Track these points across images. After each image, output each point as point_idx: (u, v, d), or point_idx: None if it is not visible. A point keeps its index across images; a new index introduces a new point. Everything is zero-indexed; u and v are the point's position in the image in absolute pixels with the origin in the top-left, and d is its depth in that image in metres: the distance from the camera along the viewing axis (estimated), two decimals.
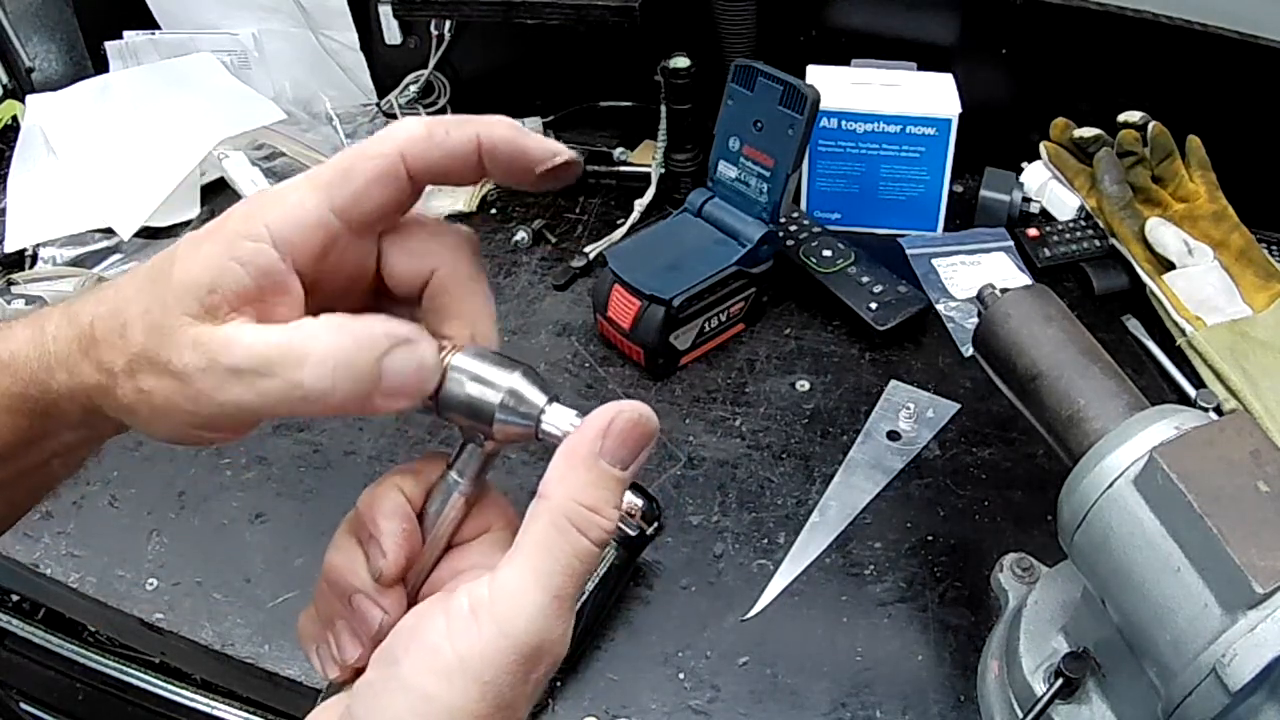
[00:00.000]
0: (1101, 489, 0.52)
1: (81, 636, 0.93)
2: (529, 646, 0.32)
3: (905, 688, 0.68)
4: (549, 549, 0.33)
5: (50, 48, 1.30)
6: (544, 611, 0.32)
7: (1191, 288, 0.93)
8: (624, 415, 0.34)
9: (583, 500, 0.33)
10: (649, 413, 0.34)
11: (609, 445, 0.33)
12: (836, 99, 1.02)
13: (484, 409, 0.36)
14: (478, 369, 0.37)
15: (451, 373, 0.37)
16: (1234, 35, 0.99)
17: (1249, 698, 0.46)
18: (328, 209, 0.33)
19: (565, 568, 0.32)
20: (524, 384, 0.37)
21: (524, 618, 0.32)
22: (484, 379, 0.37)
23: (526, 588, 0.32)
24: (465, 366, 0.37)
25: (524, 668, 0.32)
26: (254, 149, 1.23)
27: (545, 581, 0.32)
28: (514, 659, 0.31)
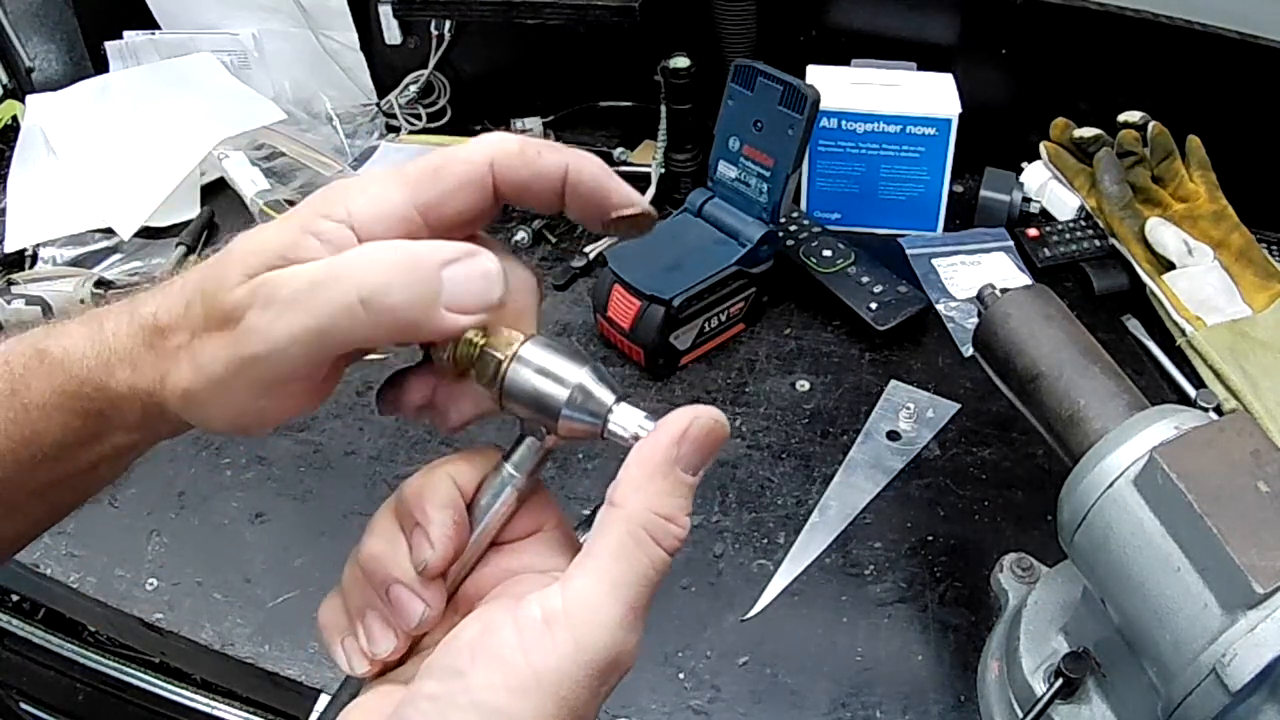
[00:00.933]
0: (1101, 489, 0.52)
1: (81, 636, 0.93)
2: (606, 660, 0.30)
3: (905, 688, 0.68)
4: (626, 560, 0.31)
5: (50, 48, 1.30)
6: (621, 624, 0.31)
7: (1191, 288, 0.93)
8: (699, 422, 0.32)
9: (660, 510, 0.32)
10: (723, 418, 0.33)
11: (685, 452, 0.32)
12: (836, 99, 1.02)
13: (550, 403, 0.35)
14: (546, 361, 0.36)
15: (518, 363, 0.36)
16: (1234, 35, 0.99)
17: (1249, 698, 0.46)
18: (412, 205, 0.33)
19: (641, 578, 0.31)
20: (593, 380, 0.35)
21: (602, 630, 0.31)
22: (552, 372, 0.36)
23: (603, 600, 0.31)
24: (533, 358, 0.36)
25: (598, 681, 0.31)
26: (254, 149, 1.23)
27: (622, 594, 0.31)
28: (590, 673, 0.30)
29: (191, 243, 1.10)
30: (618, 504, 0.32)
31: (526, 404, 0.36)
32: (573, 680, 0.30)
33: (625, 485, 0.32)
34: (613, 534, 0.32)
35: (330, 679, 0.70)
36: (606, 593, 0.31)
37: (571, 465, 0.84)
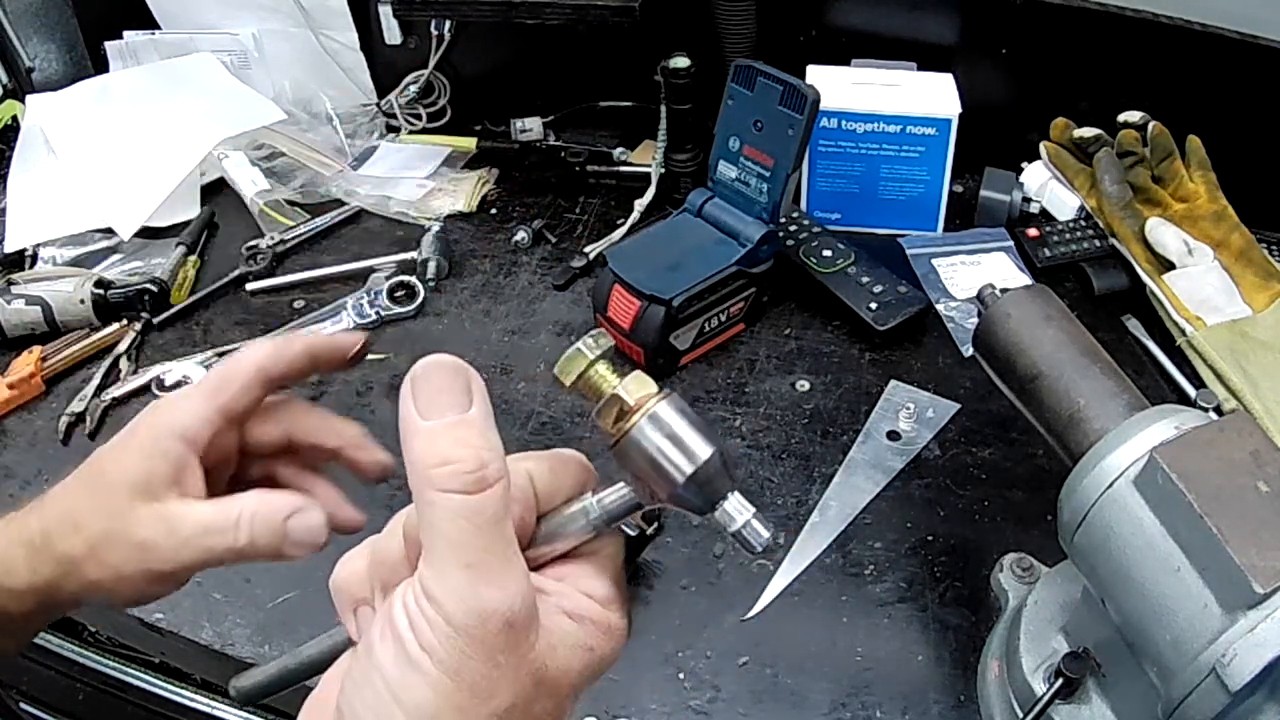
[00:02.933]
0: (1101, 489, 0.52)
1: (81, 636, 0.93)
2: (472, 625, 0.32)
3: (905, 688, 0.68)
4: (431, 525, 0.32)
5: (50, 48, 1.31)
6: (466, 584, 0.32)
7: (1191, 288, 0.93)
8: (415, 372, 0.34)
9: (428, 462, 0.32)
10: (436, 357, 0.34)
11: (421, 404, 0.33)
12: (836, 99, 1.02)
13: (669, 474, 0.35)
14: (678, 428, 0.35)
15: (647, 422, 0.35)
16: (1234, 35, 0.99)
17: (1249, 698, 0.46)
18: (215, 409, 0.47)
19: (456, 532, 0.32)
20: (718, 464, 0.36)
21: (452, 599, 0.32)
22: (682, 442, 0.35)
23: (441, 572, 0.32)
24: (665, 420, 0.36)
25: (482, 648, 0.32)
26: (254, 149, 1.23)
27: (452, 557, 0.32)
28: (466, 641, 0.32)
29: (191, 243, 1.10)
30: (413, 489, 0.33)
31: (643, 464, 0.35)
32: (456, 649, 0.31)
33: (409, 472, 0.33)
34: (419, 514, 0.33)
35: None
36: (440, 564, 0.32)
37: None
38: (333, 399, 0.92)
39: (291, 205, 1.17)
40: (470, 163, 1.23)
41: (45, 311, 0.99)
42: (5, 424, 0.92)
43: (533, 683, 0.34)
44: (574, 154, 1.18)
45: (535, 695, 0.34)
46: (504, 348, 0.98)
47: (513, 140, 1.21)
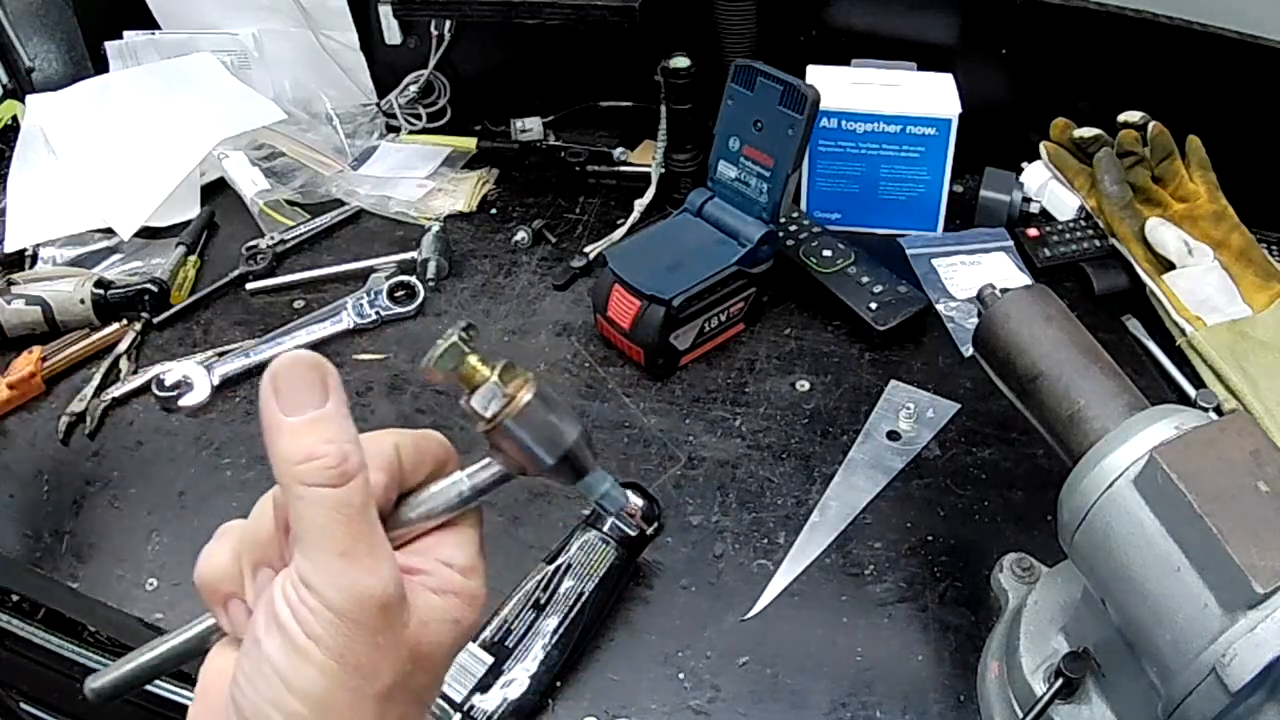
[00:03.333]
0: (1101, 489, 0.52)
1: (81, 637, 0.93)
2: (351, 610, 0.33)
3: (905, 688, 0.68)
4: (302, 517, 0.34)
5: (50, 48, 1.30)
6: (341, 571, 0.33)
7: (1191, 288, 0.93)
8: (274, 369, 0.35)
9: (294, 458, 0.34)
10: (294, 354, 0.35)
11: (282, 402, 0.34)
12: (836, 99, 1.02)
13: (540, 456, 0.39)
14: (548, 414, 0.39)
15: (519, 410, 0.39)
16: (1234, 35, 0.99)
17: (1249, 698, 0.46)
18: None
19: (326, 523, 0.33)
20: (581, 443, 0.40)
21: (330, 586, 0.33)
22: (553, 426, 0.39)
23: (317, 562, 0.34)
24: (538, 408, 0.39)
25: (363, 631, 0.34)
26: (254, 149, 1.23)
27: (326, 547, 0.33)
28: (348, 626, 0.33)
29: (191, 243, 1.10)
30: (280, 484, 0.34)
31: (517, 447, 0.39)
32: (340, 635, 0.33)
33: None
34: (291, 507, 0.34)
35: None
36: (313, 553, 0.33)
37: None
38: None
39: (291, 205, 1.17)
40: (470, 163, 1.23)
41: (45, 311, 0.99)
42: (5, 424, 0.92)
43: (410, 659, 0.35)
44: (574, 154, 1.18)
45: (413, 671, 0.36)
46: (504, 348, 0.98)
47: (513, 140, 1.21)
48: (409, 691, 0.36)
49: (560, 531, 0.76)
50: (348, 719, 0.34)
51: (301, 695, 0.33)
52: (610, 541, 0.72)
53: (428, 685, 0.37)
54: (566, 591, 0.70)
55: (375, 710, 0.35)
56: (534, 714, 0.68)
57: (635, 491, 0.76)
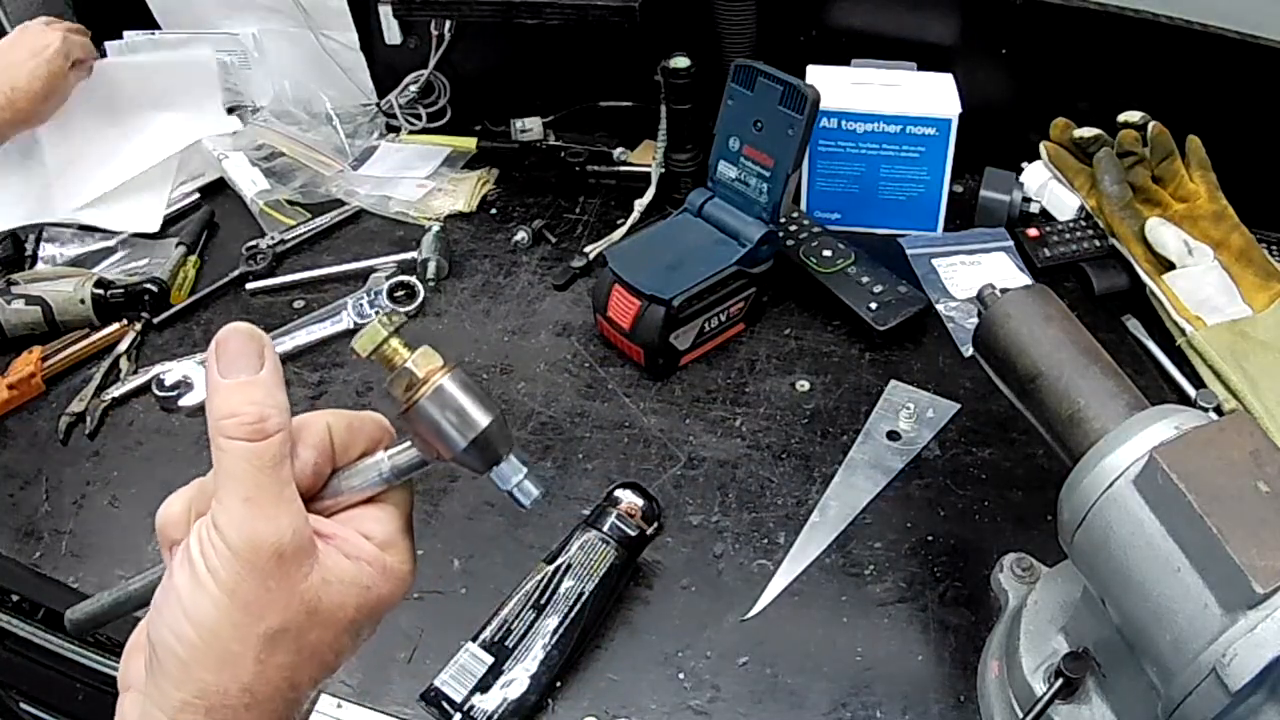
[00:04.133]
0: (1101, 489, 0.52)
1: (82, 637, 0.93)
2: (245, 550, 0.38)
3: (905, 688, 0.68)
4: (220, 466, 0.39)
5: None
6: (243, 515, 0.38)
7: (1191, 288, 0.93)
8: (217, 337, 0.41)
9: (220, 414, 0.39)
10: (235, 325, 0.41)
11: (221, 366, 0.40)
12: (836, 99, 1.02)
13: (450, 441, 0.41)
14: (460, 399, 0.41)
15: (433, 394, 0.41)
16: (1234, 35, 0.99)
17: (1249, 698, 0.46)
18: None
19: (237, 471, 0.38)
20: (495, 431, 0.41)
21: (231, 527, 0.38)
22: (463, 412, 0.41)
23: (226, 506, 0.38)
24: (449, 392, 0.41)
25: (254, 571, 0.38)
26: (254, 149, 1.23)
27: (234, 491, 0.38)
28: (240, 564, 0.38)
29: (191, 243, 1.10)
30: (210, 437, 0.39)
31: (429, 430, 0.41)
32: (233, 571, 0.38)
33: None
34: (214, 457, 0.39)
35: None
36: (225, 497, 0.38)
37: (571, 465, 0.84)
38: (332, 399, 0.92)
39: (291, 205, 1.17)
40: (470, 163, 1.23)
41: (45, 311, 0.99)
42: (5, 424, 0.92)
43: (305, 611, 0.39)
44: (574, 154, 1.18)
45: (308, 624, 0.40)
46: (504, 348, 0.98)
47: (513, 140, 1.21)
48: (300, 642, 0.40)
49: (560, 531, 0.76)
50: (234, 651, 0.38)
51: (195, 623, 0.38)
52: (610, 541, 0.72)
53: (326, 643, 0.41)
54: (566, 591, 0.70)
55: (260, 648, 0.39)
56: (534, 714, 0.68)
57: (635, 491, 0.76)
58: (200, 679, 0.39)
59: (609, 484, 0.78)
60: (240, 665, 0.39)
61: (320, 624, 0.40)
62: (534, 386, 0.93)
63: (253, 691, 0.39)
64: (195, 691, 0.39)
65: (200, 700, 0.39)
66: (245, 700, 0.39)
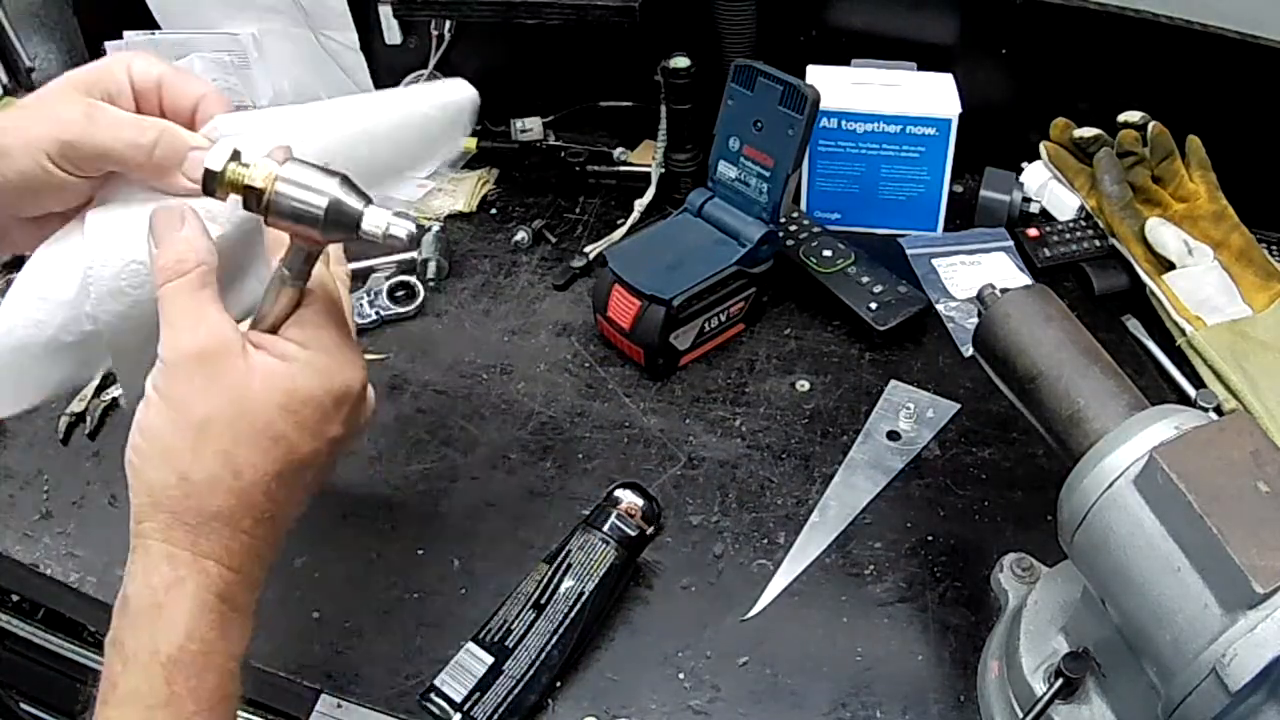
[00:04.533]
0: (1101, 489, 0.52)
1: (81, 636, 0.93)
2: (170, 357, 0.47)
3: (905, 688, 0.68)
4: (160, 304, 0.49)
5: (50, 48, 1.30)
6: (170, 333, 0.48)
7: (1191, 288, 0.93)
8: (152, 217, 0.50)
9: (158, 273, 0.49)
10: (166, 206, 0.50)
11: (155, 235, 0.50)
12: (836, 99, 1.02)
13: (309, 218, 0.46)
14: (303, 178, 0.46)
15: (279, 184, 0.46)
16: (1234, 35, 0.99)
17: (1249, 698, 0.46)
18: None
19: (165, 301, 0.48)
20: (343, 191, 0.46)
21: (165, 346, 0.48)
22: (310, 186, 0.46)
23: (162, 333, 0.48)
24: (290, 176, 0.46)
25: (178, 373, 0.47)
26: None
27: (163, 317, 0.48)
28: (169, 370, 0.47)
29: None
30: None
31: (290, 224, 0.46)
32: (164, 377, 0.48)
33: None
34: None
35: (327, 683, 0.70)
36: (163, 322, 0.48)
37: (571, 465, 0.84)
38: None
39: None
40: (470, 163, 1.23)
41: None
42: (5, 424, 0.92)
43: (230, 399, 0.47)
44: (574, 154, 1.18)
45: (236, 412, 0.47)
46: (504, 348, 0.98)
47: (513, 140, 1.21)
48: (235, 429, 0.47)
49: (560, 531, 0.76)
50: (171, 445, 0.46)
51: (142, 430, 0.47)
52: (610, 541, 0.72)
53: (258, 428, 0.47)
54: (566, 591, 0.70)
55: (193, 437, 0.46)
56: (534, 714, 0.68)
57: (635, 491, 0.76)
58: (148, 478, 0.46)
59: (609, 484, 0.78)
60: (177, 456, 0.46)
61: (249, 412, 0.47)
62: (534, 386, 0.93)
63: (189, 480, 0.45)
64: (145, 490, 0.46)
65: (149, 497, 0.46)
66: (184, 489, 0.45)
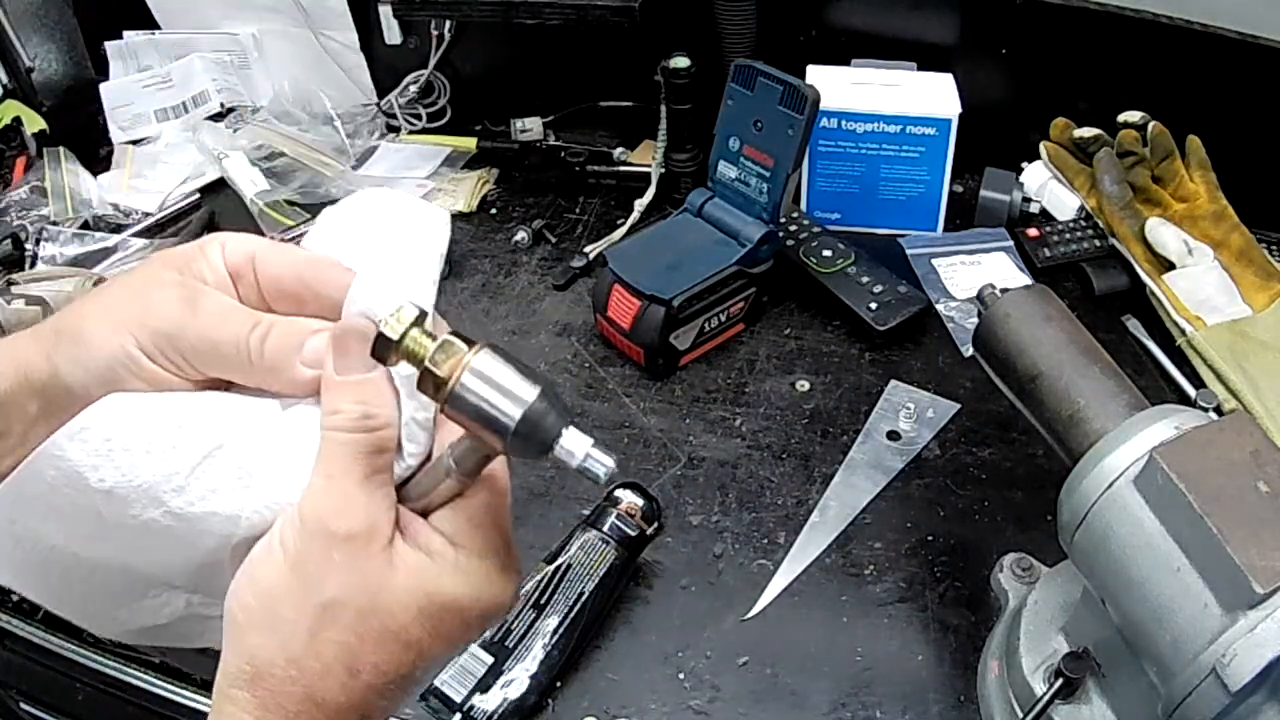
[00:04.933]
0: (1101, 489, 0.52)
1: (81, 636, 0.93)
2: (311, 522, 0.38)
3: (905, 688, 0.68)
4: (320, 451, 0.39)
5: (50, 48, 1.30)
6: (320, 490, 0.38)
7: (1191, 288, 0.93)
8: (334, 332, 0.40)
9: (327, 409, 0.39)
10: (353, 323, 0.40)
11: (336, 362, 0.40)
12: (836, 99, 1.02)
13: (498, 425, 0.36)
14: (498, 376, 0.36)
15: (467, 377, 0.36)
16: (1234, 35, 0.99)
17: (1249, 698, 0.46)
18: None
19: (327, 452, 0.39)
20: (542, 405, 0.36)
21: (309, 501, 0.38)
22: (504, 389, 0.36)
23: (312, 481, 0.39)
24: (484, 370, 0.36)
25: (317, 543, 0.38)
26: (254, 149, 1.23)
27: (321, 467, 0.39)
28: (307, 535, 0.38)
29: None
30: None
31: (472, 422, 0.36)
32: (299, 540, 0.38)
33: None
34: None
35: None
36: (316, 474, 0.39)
37: None
38: None
39: (291, 205, 1.17)
40: (470, 163, 1.23)
41: (45, 311, 0.98)
42: None
43: (367, 590, 0.38)
44: (574, 154, 1.18)
45: (370, 606, 0.38)
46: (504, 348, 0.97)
47: (513, 140, 1.21)
48: (362, 625, 0.38)
49: (560, 531, 0.76)
50: (287, 618, 0.38)
51: (256, 588, 0.38)
52: (610, 541, 0.72)
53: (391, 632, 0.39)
54: (566, 591, 0.70)
55: (314, 619, 0.38)
56: (534, 714, 0.68)
57: (635, 491, 0.76)
58: (251, 644, 0.38)
59: (609, 484, 0.78)
60: (291, 634, 0.38)
61: (382, 609, 0.39)
62: None
63: (300, 665, 0.38)
64: (246, 657, 0.38)
65: (249, 667, 0.38)
66: (291, 673, 0.38)
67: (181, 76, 1.29)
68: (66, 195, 1.17)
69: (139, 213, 1.18)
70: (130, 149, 1.26)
